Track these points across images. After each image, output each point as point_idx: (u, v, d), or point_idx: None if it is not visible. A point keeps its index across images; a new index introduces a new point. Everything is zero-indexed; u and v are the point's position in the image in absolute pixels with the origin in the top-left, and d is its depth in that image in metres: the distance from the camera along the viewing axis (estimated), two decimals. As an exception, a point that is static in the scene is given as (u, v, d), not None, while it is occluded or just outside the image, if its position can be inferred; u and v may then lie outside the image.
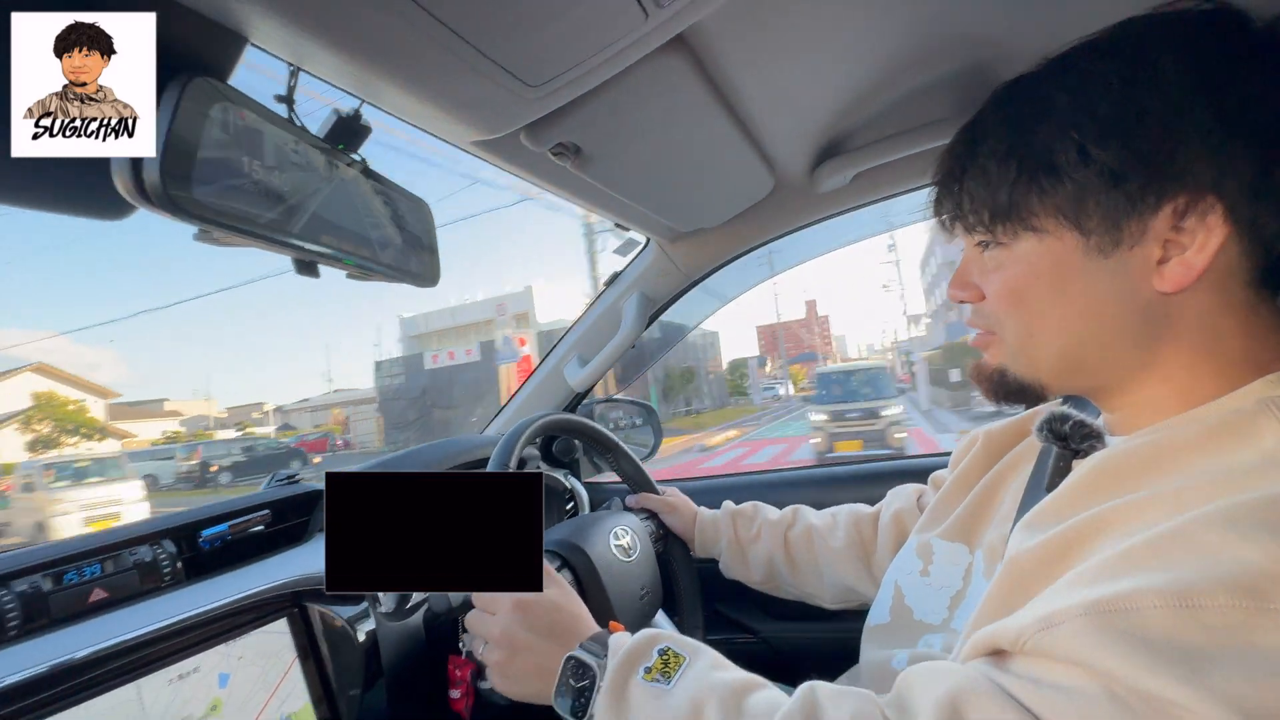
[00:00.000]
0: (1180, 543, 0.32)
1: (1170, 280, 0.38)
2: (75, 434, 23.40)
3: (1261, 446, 0.35)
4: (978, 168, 0.43)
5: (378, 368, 24.30)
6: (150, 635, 0.48)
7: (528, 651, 0.53)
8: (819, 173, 0.84)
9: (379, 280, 0.56)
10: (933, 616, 0.58)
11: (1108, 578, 0.33)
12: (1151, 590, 0.30)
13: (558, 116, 0.58)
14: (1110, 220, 0.39)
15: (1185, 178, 0.37)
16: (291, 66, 0.47)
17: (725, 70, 0.60)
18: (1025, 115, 0.42)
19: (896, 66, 0.64)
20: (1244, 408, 0.37)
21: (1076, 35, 0.42)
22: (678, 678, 0.45)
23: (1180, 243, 0.38)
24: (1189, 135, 0.37)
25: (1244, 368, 0.39)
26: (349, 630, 0.60)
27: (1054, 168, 0.40)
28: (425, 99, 0.50)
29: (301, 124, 0.48)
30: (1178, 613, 0.29)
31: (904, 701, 0.38)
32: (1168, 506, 0.35)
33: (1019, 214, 0.42)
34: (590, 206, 0.83)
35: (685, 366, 26.68)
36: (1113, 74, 0.39)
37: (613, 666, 0.47)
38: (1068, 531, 0.38)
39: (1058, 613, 0.33)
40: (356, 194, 0.51)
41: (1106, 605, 0.31)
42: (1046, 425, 0.48)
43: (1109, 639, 0.30)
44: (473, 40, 0.44)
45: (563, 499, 1.12)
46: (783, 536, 0.86)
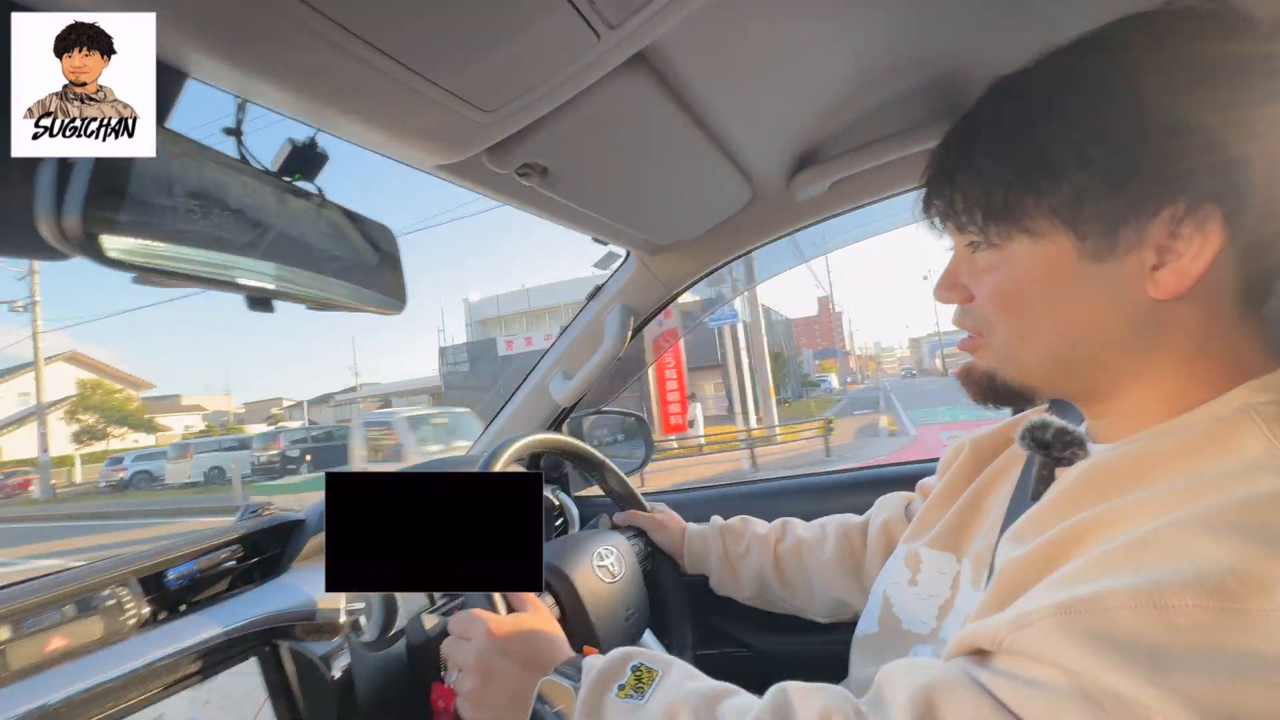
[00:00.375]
0: (1153, 545, 0.32)
1: (1165, 287, 0.38)
2: (122, 424, 22.52)
3: (1244, 453, 0.35)
4: (971, 166, 0.42)
5: (442, 355, 22.00)
6: (111, 685, 0.46)
7: (502, 678, 0.52)
8: (796, 182, 0.83)
9: (342, 310, 0.55)
10: (921, 626, 0.58)
11: (1081, 580, 0.33)
12: (1120, 590, 0.31)
13: (520, 138, 0.57)
14: (1107, 225, 0.38)
15: (1186, 184, 0.36)
16: (238, 99, 0.46)
17: (690, 86, 0.59)
18: (1022, 114, 0.41)
19: (864, 79, 0.63)
20: (1226, 415, 0.37)
21: (1044, 43, 0.41)
22: (651, 692, 0.45)
23: (1176, 250, 0.37)
24: (1192, 140, 0.36)
25: (1228, 375, 0.39)
26: (322, 667, 0.58)
27: (1052, 169, 0.39)
28: (379, 127, 0.49)
29: (252, 157, 0.47)
30: (1144, 612, 0.30)
31: (880, 695, 0.39)
32: (1147, 512, 0.35)
33: (1013, 215, 0.40)
34: (565, 223, 0.82)
35: (776, 352, 23.75)
36: (1115, 73, 0.38)
37: (586, 686, 0.47)
38: (1052, 540, 0.38)
39: (1030, 613, 0.33)
40: (312, 225, 0.50)
41: (1076, 605, 0.31)
42: (1029, 433, 0.48)
43: (1076, 638, 0.31)
44: (420, 70, 0.43)
45: (551, 515, 1.11)
46: (772, 551, 0.85)
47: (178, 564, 0.59)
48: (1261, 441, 0.34)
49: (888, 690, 0.38)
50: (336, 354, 58.69)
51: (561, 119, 0.56)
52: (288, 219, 0.47)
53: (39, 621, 0.49)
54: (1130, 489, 0.37)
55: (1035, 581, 0.37)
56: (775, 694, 0.42)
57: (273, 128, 0.50)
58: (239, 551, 0.65)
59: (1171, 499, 0.34)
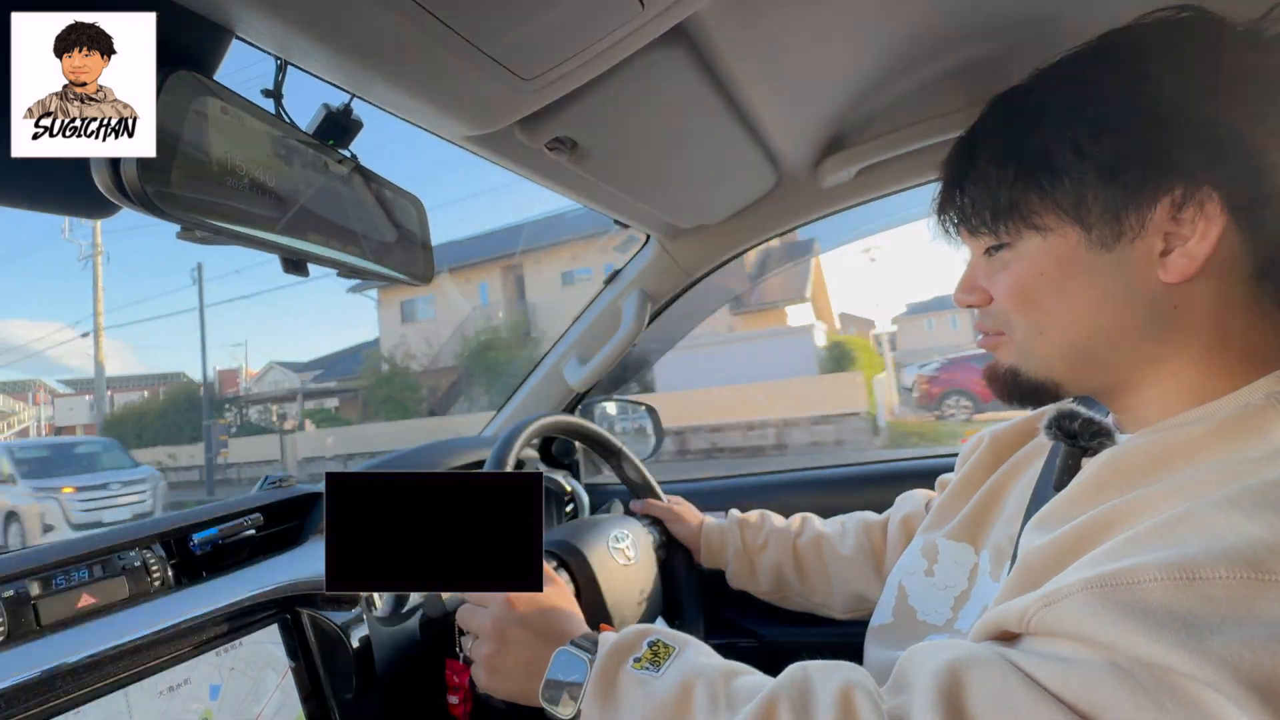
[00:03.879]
0: (1185, 524, 0.32)
1: (1174, 271, 0.39)
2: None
3: (1271, 440, 0.35)
4: (977, 173, 0.45)
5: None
6: (139, 642, 0.47)
7: (518, 646, 0.53)
8: (823, 168, 0.82)
9: (370, 279, 0.55)
10: (936, 617, 0.58)
11: (1111, 558, 0.33)
12: (1152, 565, 0.31)
13: (553, 110, 0.57)
14: (1110, 214, 0.40)
15: (1179, 169, 0.38)
16: (279, 60, 0.45)
17: (726, 63, 0.59)
18: (1021, 121, 0.44)
19: (903, 57, 0.63)
20: (1253, 403, 0.38)
21: (1082, 34, 0.43)
22: (667, 665, 0.45)
23: (1181, 234, 0.38)
24: (1178, 128, 0.38)
25: (1250, 363, 0.40)
26: (342, 636, 0.59)
27: (1051, 166, 0.41)
28: (415, 93, 0.49)
29: (290, 120, 0.47)
30: (1178, 585, 0.30)
31: (904, 674, 0.39)
32: (1177, 498, 0.35)
33: (1020, 212, 0.42)
34: (589, 202, 0.81)
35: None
36: (1102, 77, 0.41)
37: (602, 656, 0.47)
38: (1078, 527, 0.38)
39: (1059, 589, 0.33)
40: (347, 191, 0.50)
41: (1107, 579, 0.32)
42: (1055, 423, 0.48)
43: (1108, 610, 0.31)
44: (463, 32, 0.43)
45: (562, 501, 1.11)
46: (791, 544, 0.85)
47: (201, 529, 0.60)
48: None
49: (910, 669, 0.38)
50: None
51: (597, 91, 0.55)
52: (325, 183, 0.47)
53: (68, 579, 0.49)
54: (1157, 476, 0.38)
55: (1061, 568, 0.37)
56: (794, 670, 0.42)
57: (305, 98, 0.50)
58: (259, 520, 0.65)
59: (1200, 485, 0.35)
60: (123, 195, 0.33)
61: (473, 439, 1.05)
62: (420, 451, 0.97)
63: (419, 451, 0.97)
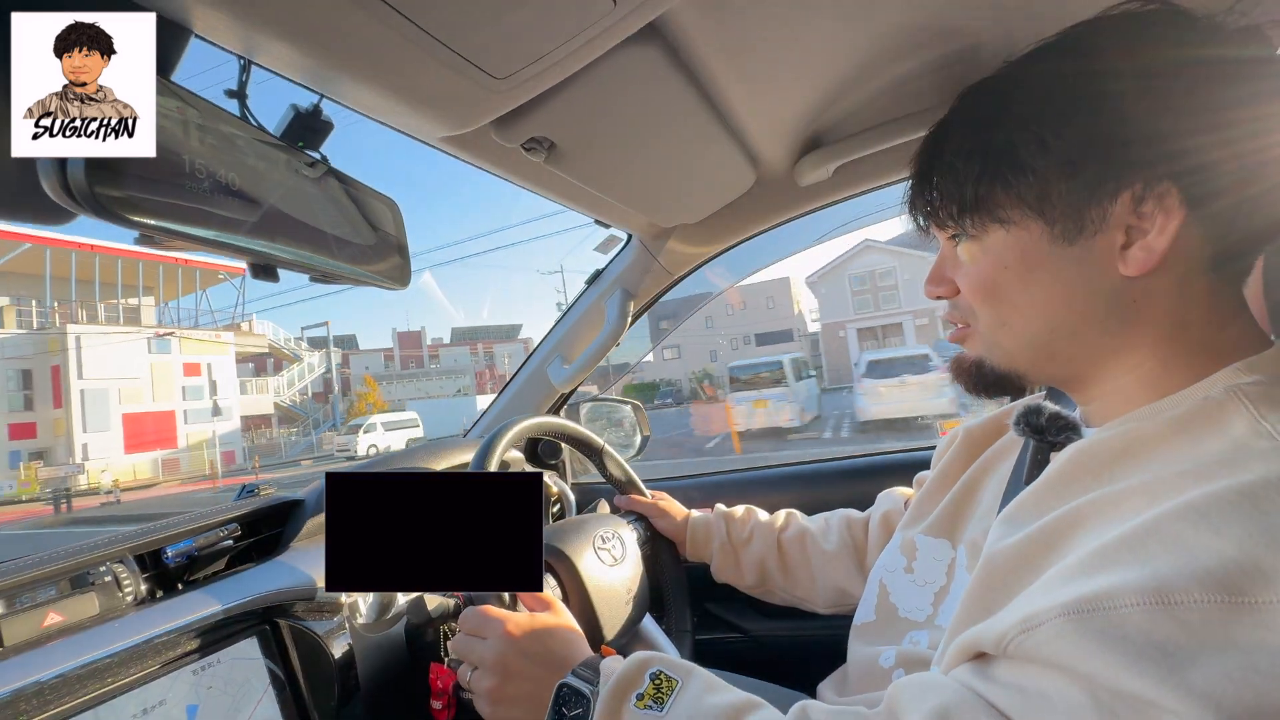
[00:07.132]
0: (1153, 537, 0.32)
1: (1134, 264, 0.39)
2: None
3: (1231, 434, 0.35)
4: (945, 166, 0.45)
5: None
6: (110, 659, 0.45)
7: (520, 678, 0.52)
8: (800, 166, 0.82)
9: (344, 283, 0.54)
10: (917, 613, 0.59)
11: (1084, 575, 0.33)
12: (1127, 588, 0.30)
13: (528, 110, 0.56)
14: (1072, 208, 0.40)
15: (1140, 163, 0.38)
16: (242, 60, 0.44)
17: (702, 61, 0.58)
18: (987, 114, 0.44)
19: (879, 54, 0.63)
20: (1213, 395, 0.38)
21: (1057, 25, 0.43)
22: (670, 703, 0.45)
23: (1142, 228, 0.39)
24: (1139, 122, 0.38)
25: (1209, 355, 0.40)
26: (323, 645, 0.58)
27: (1016, 160, 0.41)
28: (385, 93, 0.48)
29: (257, 121, 0.46)
30: (1154, 610, 0.29)
31: (894, 715, 0.38)
32: (1141, 499, 0.35)
33: (986, 206, 0.43)
34: (568, 203, 0.81)
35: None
36: (1067, 70, 0.41)
37: (604, 695, 0.46)
38: (1045, 527, 0.38)
39: (1037, 614, 0.33)
40: (317, 194, 0.49)
41: (1085, 604, 0.31)
42: (1023, 418, 0.49)
43: (1088, 639, 0.30)
44: (432, 31, 0.42)
45: (549, 502, 1.10)
46: (775, 539, 0.86)
47: (175, 542, 0.58)
48: (1248, 421, 0.35)
49: (900, 710, 0.38)
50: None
51: (571, 90, 0.55)
52: (294, 186, 0.46)
53: (34, 597, 0.47)
54: (1121, 473, 0.38)
55: (1026, 570, 0.37)
56: (797, 713, 0.43)
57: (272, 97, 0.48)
58: (236, 531, 0.63)
59: (1163, 485, 0.35)
60: (70, 198, 0.32)
61: (456, 440, 1.04)
62: (404, 455, 0.96)
63: (403, 455, 0.96)
